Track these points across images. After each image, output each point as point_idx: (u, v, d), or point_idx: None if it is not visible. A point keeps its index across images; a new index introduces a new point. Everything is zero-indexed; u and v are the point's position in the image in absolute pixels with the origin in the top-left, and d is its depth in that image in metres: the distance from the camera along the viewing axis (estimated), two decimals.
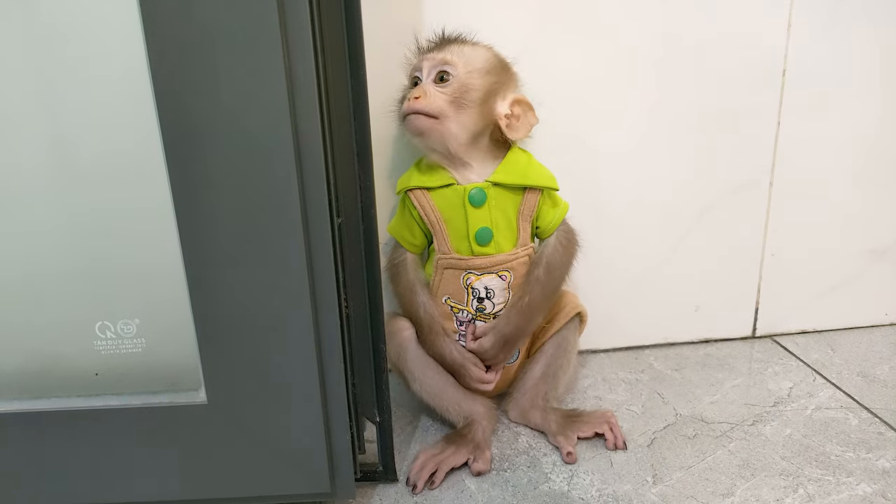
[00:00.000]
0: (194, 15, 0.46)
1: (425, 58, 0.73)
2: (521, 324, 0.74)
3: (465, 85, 0.71)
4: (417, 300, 0.75)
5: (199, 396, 0.56)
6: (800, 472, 0.69)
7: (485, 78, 0.72)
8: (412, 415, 0.82)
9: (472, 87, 0.71)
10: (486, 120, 0.73)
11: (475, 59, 0.73)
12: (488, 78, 0.72)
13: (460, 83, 0.71)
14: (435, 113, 0.70)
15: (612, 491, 0.67)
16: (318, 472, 0.58)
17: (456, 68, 0.71)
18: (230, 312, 0.53)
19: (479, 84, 0.72)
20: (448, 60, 0.71)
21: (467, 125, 0.71)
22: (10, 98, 0.51)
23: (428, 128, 0.70)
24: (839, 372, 0.89)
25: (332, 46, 0.55)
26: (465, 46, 0.74)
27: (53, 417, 0.56)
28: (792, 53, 0.87)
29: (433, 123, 0.70)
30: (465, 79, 0.71)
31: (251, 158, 0.50)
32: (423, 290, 0.76)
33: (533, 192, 0.74)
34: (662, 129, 0.88)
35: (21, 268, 0.55)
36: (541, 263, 0.75)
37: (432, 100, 0.70)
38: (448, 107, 0.70)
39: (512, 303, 0.75)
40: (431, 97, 0.70)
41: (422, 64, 0.73)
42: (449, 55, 0.72)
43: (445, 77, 0.71)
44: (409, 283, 0.76)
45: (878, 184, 0.94)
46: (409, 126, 0.71)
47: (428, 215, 0.74)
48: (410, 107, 0.70)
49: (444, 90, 0.71)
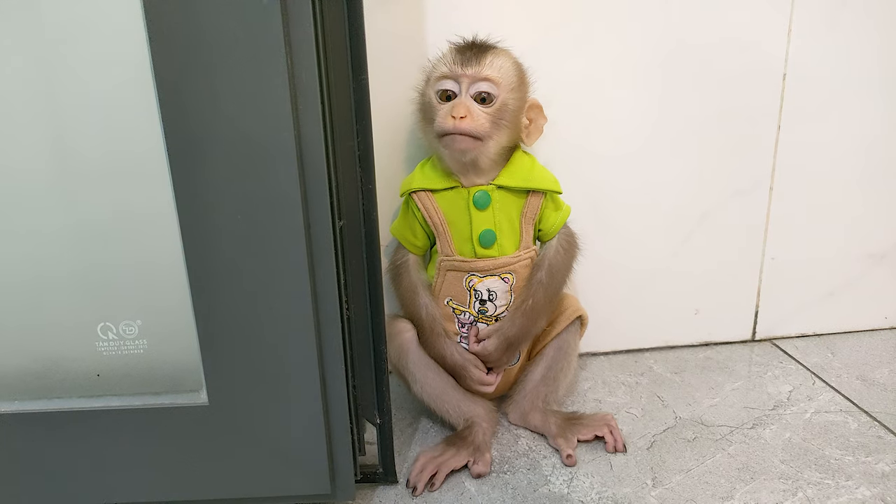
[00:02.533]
0: (198, 19, 0.47)
1: (464, 73, 0.69)
2: (524, 326, 0.75)
3: (505, 105, 0.70)
4: (419, 301, 0.75)
5: (201, 398, 0.56)
6: (799, 475, 0.69)
7: (517, 93, 0.71)
8: (412, 417, 0.82)
9: (510, 107, 0.71)
10: (516, 134, 0.73)
11: (509, 74, 0.71)
12: (520, 92, 0.72)
13: (501, 103, 0.70)
14: (480, 134, 0.69)
15: (611, 494, 0.67)
16: (318, 474, 0.58)
17: (498, 88, 0.69)
18: (232, 314, 0.54)
19: (514, 102, 0.71)
20: (491, 78, 0.69)
21: (502, 142, 0.71)
22: (13, 101, 0.51)
23: (472, 149, 0.70)
24: (839, 375, 0.89)
25: (335, 50, 0.55)
26: (497, 58, 0.71)
27: (55, 418, 0.56)
28: (792, 57, 0.87)
29: (476, 144, 0.69)
30: (504, 98, 0.70)
31: (253, 161, 0.50)
32: (424, 292, 0.76)
33: (536, 195, 0.74)
34: (663, 132, 0.88)
35: (24, 269, 0.55)
36: (543, 267, 0.75)
37: (479, 121, 0.69)
38: (490, 127, 0.70)
39: (515, 306, 0.75)
40: (477, 118, 0.69)
41: (459, 78, 0.69)
42: (490, 72, 0.69)
43: (488, 98, 0.69)
44: (411, 285, 0.76)
45: (878, 188, 0.95)
46: (449, 144, 0.69)
47: (431, 217, 0.74)
48: (457, 126, 0.68)
49: (486, 111, 0.69)
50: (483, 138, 0.69)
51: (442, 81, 0.70)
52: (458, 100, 0.70)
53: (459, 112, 0.68)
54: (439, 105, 0.70)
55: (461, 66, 0.69)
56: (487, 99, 0.70)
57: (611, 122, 0.87)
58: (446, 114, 0.69)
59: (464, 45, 0.72)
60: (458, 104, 0.69)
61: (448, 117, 0.69)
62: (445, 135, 0.69)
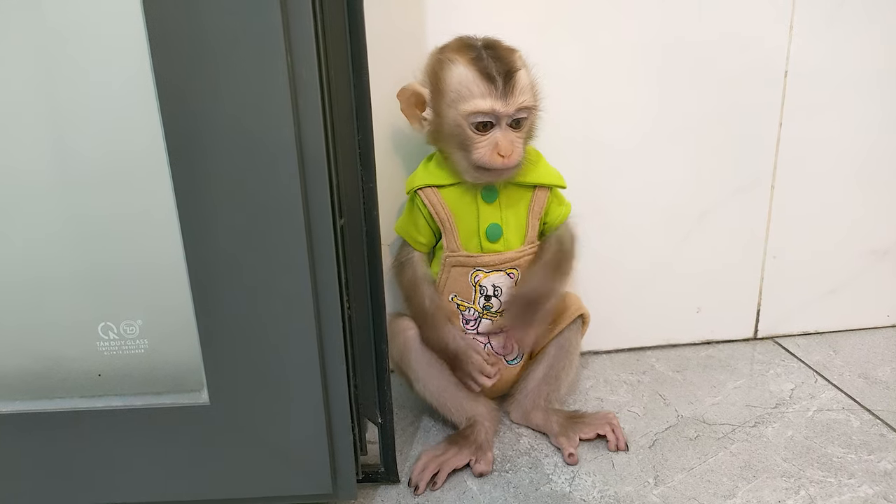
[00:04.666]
0: (198, 18, 0.46)
1: (504, 103, 0.67)
2: (543, 283, 0.73)
3: (534, 121, 0.71)
4: (423, 291, 0.75)
5: (202, 397, 0.56)
6: (801, 473, 0.69)
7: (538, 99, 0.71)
8: (414, 416, 0.82)
9: (536, 120, 0.71)
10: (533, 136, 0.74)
11: (534, 87, 0.71)
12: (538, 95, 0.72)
13: (532, 121, 0.71)
14: (520, 163, 0.70)
15: (613, 492, 0.67)
16: (319, 473, 0.58)
17: (529, 110, 0.69)
18: (232, 313, 0.54)
19: (536, 110, 0.71)
20: (527, 106, 0.68)
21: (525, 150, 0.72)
22: (14, 101, 0.51)
23: (510, 175, 0.71)
24: (841, 373, 0.89)
25: (335, 48, 0.55)
26: (522, 76, 0.68)
27: (56, 418, 0.56)
28: (794, 54, 0.87)
29: (515, 171, 0.70)
30: (534, 116, 0.71)
31: (254, 160, 0.50)
32: (428, 284, 0.76)
33: (543, 189, 0.75)
34: (665, 130, 0.88)
35: (25, 269, 0.55)
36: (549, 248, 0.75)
37: (518, 151, 0.69)
38: (524, 149, 0.70)
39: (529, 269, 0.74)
40: (517, 149, 0.69)
41: (497, 111, 0.67)
42: (524, 99, 0.68)
43: (521, 122, 0.69)
44: (414, 277, 0.76)
45: (880, 185, 0.94)
46: (490, 176, 0.70)
47: (438, 213, 0.74)
48: (505, 164, 0.68)
49: (520, 134, 0.70)
50: (520, 162, 0.70)
51: (477, 115, 0.68)
52: (499, 134, 0.68)
53: (506, 150, 0.68)
54: (476, 136, 0.68)
55: (499, 101, 0.67)
56: (522, 123, 0.69)
57: (612, 120, 0.87)
58: (491, 151, 0.68)
59: (492, 73, 0.67)
60: (502, 142, 0.68)
61: (494, 155, 0.68)
62: (487, 168, 0.69)
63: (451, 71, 0.69)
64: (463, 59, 0.68)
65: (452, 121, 0.69)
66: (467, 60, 0.68)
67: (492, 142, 0.68)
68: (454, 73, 0.68)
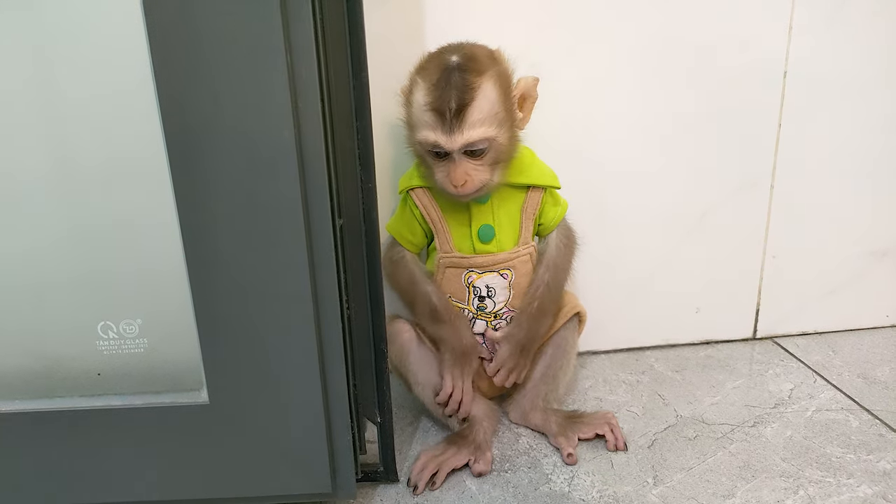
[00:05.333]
0: (197, 18, 0.46)
1: (449, 139, 0.66)
2: (532, 329, 0.75)
3: (498, 145, 0.68)
4: (424, 289, 0.74)
5: (201, 397, 0.56)
6: (800, 473, 0.69)
7: (505, 113, 0.68)
8: (413, 415, 0.82)
9: (502, 140, 0.68)
10: (514, 143, 0.71)
11: (493, 109, 0.67)
12: (505, 107, 0.68)
13: (495, 147, 0.68)
14: (482, 186, 0.69)
15: (612, 492, 0.67)
16: (319, 473, 0.58)
17: (488, 140, 0.67)
18: (232, 313, 0.54)
19: (506, 131, 0.68)
20: (475, 140, 0.66)
21: (505, 166, 0.71)
22: (14, 104, 0.51)
23: (478, 195, 0.70)
24: (840, 374, 0.89)
25: (335, 49, 0.55)
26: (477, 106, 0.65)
27: (56, 417, 0.56)
28: (793, 55, 0.87)
29: (481, 191, 0.70)
30: (497, 140, 0.67)
31: (254, 160, 0.50)
32: (426, 280, 0.75)
33: (536, 190, 0.74)
34: (664, 130, 0.88)
35: (25, 269, 0.55)
36: (545, 265, 0.75)
37: (476, 179, 0.68)
38: (490, 171, 0.69)
39: (521, 308, 0.75)
40: (476, 177, 0.68)
41: (442, 146, 0.67)
42: (473, 134, 0.66)
43: (480, 153, 0.67)
44: (411, 275, 0.75)
45: (879, 185, 0.94)
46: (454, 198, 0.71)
47: (430, 213, 0.74)
48: (459, 192, 0.68)
49: (479, 162, 0.68)
50: (486, 184, 0.69)
51: (427, 141, 0.67)
52: (453, 165, 0.67)
53: (458, 181, 0.67)
54: (435, 161, 0.69)
55: (444, 136, 0.66)
56: (479, 153, 0.68)
57: (611, 120, 0.87)
58: (445, 179, 0.68)
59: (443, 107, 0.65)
60: (454, 172, 0.67)
61: (448, 184, 0.68)
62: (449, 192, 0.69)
63: (414, 94, 0.69)
64: (425, 83, 0.67)
65: (415, 143, 0.70)
66: (427, 87, 0.67)
67: (446, 170, 0.68)
68: (416, 97, 0.68)
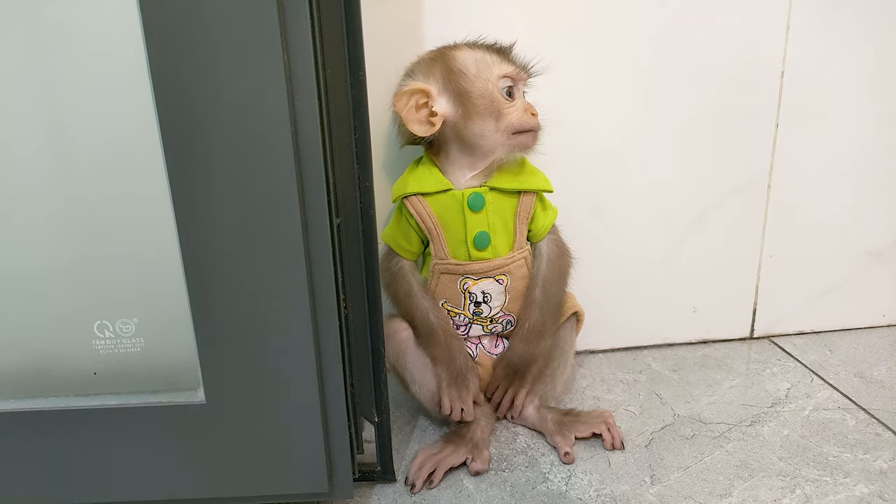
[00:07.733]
0: (194, 14, 0.46)
1: (524, 72, 0.73)
2: (526, 350, 0.75)
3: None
4: (422, 305, 0.74)
5: (198, 396, 0.56)
6: (797, 472, 0.69)
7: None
8: (410, 415, 0.82)
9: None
10: None
11: None
12: None
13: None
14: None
15: (609, 491, 0.67)
16: (316, 472, 0.58)
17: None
18: (229, 312, 0.54)
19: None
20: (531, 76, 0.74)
21: None
22: (8, 97, 0.51)
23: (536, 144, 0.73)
24: (837, 373, 0.89)
25: (332, 46, 0.55)
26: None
27: (51, 417, 0.56)
28: (790, 55, 0.87)
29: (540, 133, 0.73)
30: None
31: (251, 158, 0.50)
32: (425, 296, 0.74)
33: (528, 194, 0.74)
34: (661, 130, 0.88)
35: (20, 266, 0.55)
36: (536, 284, 0.75)
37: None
38: None
39: (515, 332, 0.76)
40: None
41: (520, 79, 0.72)
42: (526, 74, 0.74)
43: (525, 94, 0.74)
44: (409, 290, 0.74)
45: (876, 185, 0.95)
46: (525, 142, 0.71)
47: (425, 221, 0.73)
48: (538, 123, 0.72)
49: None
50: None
51: (505, 80, 0.71)
52: (522, 100, 0.72)
53: (535, 110, 0.72)
54: (509, 101, 0.71)
55: (519, 66, 0.72)
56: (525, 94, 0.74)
57: (607, 121, 0.87)
58: (522, 115, 0.71)
59: (503, 46, 0.73)
60: (529, 103, 0.73)
61: (529, 115, 0.71)
62: (524, 132, 0.71)
63: (459, 54, 0.72)
64: (463, 45, 0.73)
65: (481, 93, 0.70)
66: (468, 46, 0.73)
67: (520, 106, 0.71)
68: (464, 54, 0.72)
